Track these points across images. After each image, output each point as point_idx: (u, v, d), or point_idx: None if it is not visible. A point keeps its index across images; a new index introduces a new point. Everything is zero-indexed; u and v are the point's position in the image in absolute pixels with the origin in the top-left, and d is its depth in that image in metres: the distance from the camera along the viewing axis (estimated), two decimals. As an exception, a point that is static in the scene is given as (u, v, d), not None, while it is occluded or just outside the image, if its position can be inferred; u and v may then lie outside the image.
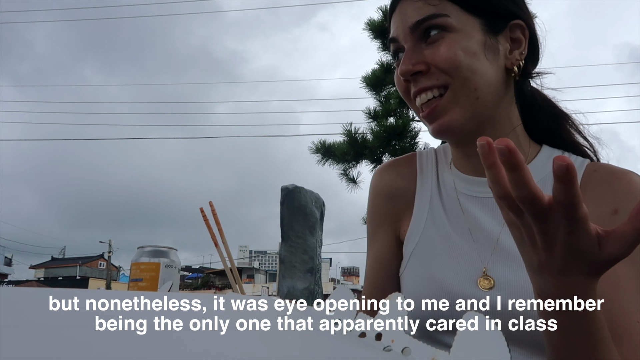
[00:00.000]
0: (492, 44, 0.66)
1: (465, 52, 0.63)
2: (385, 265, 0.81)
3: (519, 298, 0.63)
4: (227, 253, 0.73)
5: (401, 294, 0.31)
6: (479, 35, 0.65)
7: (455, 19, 0.65)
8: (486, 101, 0.65)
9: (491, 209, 0.71)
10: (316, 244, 5.74)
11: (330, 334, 0.30)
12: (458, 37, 0.64)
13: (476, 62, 0.64)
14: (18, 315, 0.25)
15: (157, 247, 0.81)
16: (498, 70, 0.66)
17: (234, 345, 0.24)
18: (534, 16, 0.75)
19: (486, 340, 0.23)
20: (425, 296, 0.69)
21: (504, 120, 0.69)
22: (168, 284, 0.77)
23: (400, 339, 0.28)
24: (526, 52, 0.68)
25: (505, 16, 0.68)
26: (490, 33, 0.66)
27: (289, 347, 0.26)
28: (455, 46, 0.63)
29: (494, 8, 0.67)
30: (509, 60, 0.67)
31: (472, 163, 0.74)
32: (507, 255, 0.67)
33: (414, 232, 0.77)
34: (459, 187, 0.75)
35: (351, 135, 5.51)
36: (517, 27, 0.68)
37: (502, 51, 0.67)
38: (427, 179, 0.80)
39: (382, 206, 0.82)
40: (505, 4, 0.68)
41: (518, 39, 0.68)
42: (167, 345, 0.23)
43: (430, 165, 0.81)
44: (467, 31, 0.65)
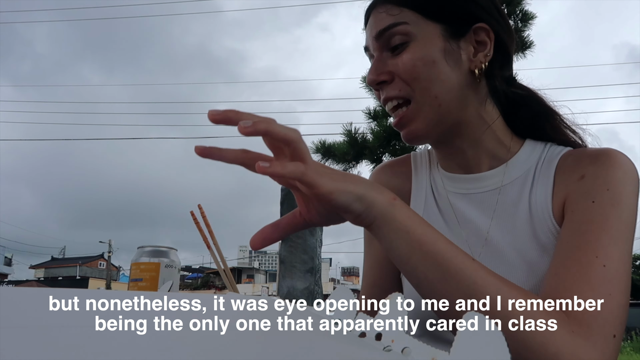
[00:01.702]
0: (453, 49, 0.67)
1: (424, 62, 0.65)
2: (383, 265, 0.82)
3: None
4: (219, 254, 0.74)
5: (401, 294, 0.31)
6: (440, 41, 0.66)
7: (415, 26, 0.66)
8: (449, 107, 0.67)
9: (478, 204, 0.72)
10: (316, 244, 5.73)
11: (330, 334, 0.30)
12: (418, 46, 0.66)
13: (435, 70, 0.65)
14: (18, 315, 0.25)
15: (157, 247, 0.81)
16: (461, 74, 0.67)
17: (234, 345, 0.24)
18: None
19: (486, 340, 0.23)
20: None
21: (476, 119, 0.70)
22: (168, 284, 0.77)
23: (400, 339, 0.28)
24: (492, 53, 0.69)
25: (467, 20, 0.68)
26: (452, 38, 0.67)
27: (289, 347, 0.26)
28: (414, 56, 0.66)
29: (453, 13, 0.68)
30: (473, 63, 0.68)
31: (454, 161, 0.75)
32: (496, 249, 0.69)
33: None
34: (446, 186, 0.77)
35: (351, 135, 5.51)
36: (482, 30, 0.68)
37: (465, 55, 0.68)
38: (421, 178, 0.81)
39: None
40: (466, 8, 0.68)
41: (483, 41, 0.69)
42: (167, 345, 0.23)
43: (425, 165, 0.82)
44: (428, 38, 0.66)
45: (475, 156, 0.73)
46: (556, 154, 0.70)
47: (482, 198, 0.72)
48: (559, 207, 0.65)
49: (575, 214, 0.61)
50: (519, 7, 4.95)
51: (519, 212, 0.69)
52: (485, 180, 0.73)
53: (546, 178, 0.68)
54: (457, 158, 0.74)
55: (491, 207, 0.71)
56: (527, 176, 0.70)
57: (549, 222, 0.65)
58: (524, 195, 0.69)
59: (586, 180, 0.63)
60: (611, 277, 0.53)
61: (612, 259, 0.54)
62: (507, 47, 0.71)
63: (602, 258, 0.54)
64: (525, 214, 0.68)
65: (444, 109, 0.67)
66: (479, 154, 0.72)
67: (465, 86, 0.68)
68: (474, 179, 0.73)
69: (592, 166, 0.63)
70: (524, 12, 4.97)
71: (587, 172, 0.63)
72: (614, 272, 0.54)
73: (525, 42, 4.96)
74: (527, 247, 0.66)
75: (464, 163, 0.74)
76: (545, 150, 0.72)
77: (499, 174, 0.72)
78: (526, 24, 5.01)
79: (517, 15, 4.98)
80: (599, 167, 0.63)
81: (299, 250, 5.48)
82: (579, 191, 0.62)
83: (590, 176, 0.62)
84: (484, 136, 0.71)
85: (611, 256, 0.55)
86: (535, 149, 0.72)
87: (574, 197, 0.63)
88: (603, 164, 0.63)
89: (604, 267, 0.54)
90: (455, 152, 0.74)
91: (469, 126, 0.70)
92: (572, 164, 0.67)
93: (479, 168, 0.73)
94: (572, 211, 0.62)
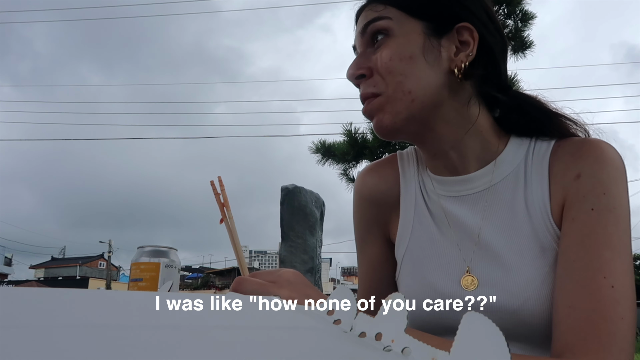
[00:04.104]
0: (434, 46, 0.67)
1: (401, 58, 0.66)
2: (378, 269, 0.82)
3: (502, 294, 0.65)
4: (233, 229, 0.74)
5: (401, 294, 0.31)
6: (420, 38, 0.67)
7: (397, 22, 0.67)
8: (424, 103, 0.66)
9: (470, 206, 0.72)
10: (316, 244, 5.74)
11: (330, 334, 0.30)
12: (397, 42, 0.67)
13: (411, 66, 0.66)
14: (18, 315, 0.25)
15: (157, 247, 0.81)
16: (440, 72, 0.67)
17: (234, 345, 0.24)
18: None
19: (486, 340, 0.23)
20: (420, 299, 0.71)
21: (456, 119, 0.70)
22: (168, 284, 0.77)
23: (400, 339, 0.28)
24: (474, 54, 0.68)
25: (450, 19, 0.68)
26: (432, 36, 0.67)
27: (289, 347, 0.26)
28: (392, 51, 0.66)
29: (436, 11, 0.68)
30: (454, 62, 0.67)
31: (440, 163, 0.74)
32: (488, 250, 0.68)
33: (403, 236, 0.78)
34: (437, 190, 0.76)
35: (351, 135, 5.50)
36: (465, 29, 0.68)
37: (445, 54, 0.67)
38: (410, 181, 0.80)
39: (368, 211, 0.83)
40: (450, 7, 0.68)
41: (466, 41, 0.68)
42: (167, 345, 0.23)
43: (412, 166, 0.81)
44: (408, 35, 0.67)
45: (459, 158, 0.72)
46: (545, 148, 0.70)
47: (473, 199, 0.72)
48: (557, 208, 0.65)
49: (576, 223, 0.61)
50: (519, 7, 4.95)
51: (514, 211, 0.68)
52: (474, 181, 0.72)
53: (540, 175, 0.68)
54: (442, 160, 0.74)
55: (481, 208, 0.71)
56: (518, 173, 0.70)
57: (548, 223, 0.65)
58: (517, 193, 0.68)
59: (582, 181, 0.63)
60: (620, 297, 0.56)
61: (618, 276, 0.57)
62: (492, 48, 0.70)
63: (610, 278, 0.57)
64: (522, 213, 0.67)
65: (416, 105, 0.66)
66: (463, 155, 0.72)
67: (444, 85, 0.67)
68: (462, 181, 0.72)
69: (585, 163, 0.64)
70: (524, 12, 4.97)
71: (583, 171, 0.63)
72: (622, 291, 0.56)
73: (525, 42, 4.97)
74: (525, 247, 0.66)
75: (450, 165, 0.73)
76: (532, 145, 0.71)
77: (488, 173, 0.71)
78: (526, 24, 5.01)
79: (517, 15, 4.98)
80: (593, 164, 0.63)
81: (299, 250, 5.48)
82: (577, 194, 0.63)
83: (586, 176, 0.63)
84: (466, 137, 0.70)
85: (617, 273, 0.57)
86: (522, 145, 0.72)
87: (572, 200, 0.63)
88: (596, 160, 0.63)
89: (612, 288, 0.56)
90: (439, 154, 0.73)
91: (448, 125, 0.69)
92: (565, 159, 0.66)
93: (466, 169, 0.72)
94: (573, 219, 0.62)
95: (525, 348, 0.63)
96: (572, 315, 0.56)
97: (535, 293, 0.62)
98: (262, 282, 0.57)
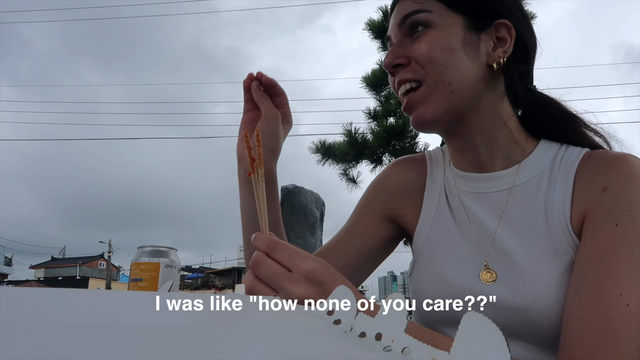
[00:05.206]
0: (473, 40, 0.68)
1: (442, 48, 0.66)
2: (354, 236, 0.84)
3: (519, 289, 0.64)
4: (261, 185, 0.72)
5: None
6: (460, 31, 0.68)
7: (438, 15, 0.68)
8: (463, 94, 0.67)
9: (488, 204, 0.73)
10: (316, 244, 5.73)
11: (330, 334, 0.30)
12: (438, 33, 0.67)
13: (452, 57, 0.66)
14: (18, 315, 0.25)
15: (157, 247, 0.81)
16: (478, 66, 0.68)
17: (235, 345, 0.24)
18: (533, 16, 0.77)
19: (486, 340, 0.23)
20: (433, 292, 0.72)
21: (491, 114, 0.71)
22: (168, 284, 0.77)
23: (400, 339, 0.28)
24: (511, 50, 0.69)
25: (490, 15, 0.69)
26: (472, 30, 0.68)
27: (289, 347, 0.26)
28: (433, 42, 0.67)
29: (477, 7, 0.69)
30: (492, 57, 0.69)
31: (466, 158, 0.75)
32: (503, 250, 0.68)
33: (422, 229, 0.79)
34: (458, 184, 0.77)
35: (351, 135, 5.50)
36: (503, 26, 0.70)
37: (483, 48, 0.69)
38: (437, 177, 0.82)
39: (389, 186, 0.86)
40: (489, 4, 0.70)
41: (503, 37, 0.70)
42: (167, 345, 0.23)
43: (440, 164, 0.83)
44: (449, 27, 0.68)
45: (488, 153, 0.72)
46: (575, 156, 0.69)
47: (493, 198, 0.72)
48: (578, 218, 0.64)
49: (598, 237, 0.60)
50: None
51: (532, 214, 0.68)
52: (497, 180, 0.72)
53: (565, 182, 0.67)
54: (470, 154, 0.74)
55: (501, 207, 0.71)
56: (542, 178, 0.70)
57: (565, 230, 0.64)
58: (538, 197, 0.68)
59: (609, 195, 0.61)
60: (634, 317, 0.54)
61: (635, 295, 0.55)
62: (527, 46, 0.71)
63: (626, 296, 0.55)
64: (540, 216, 0.67)
65: (456, 97, 0.67)
66: (492, 151, 0.72)
67: (482, 79, 0.68)
68: (485, 179, 0.73)
69: (614, 178, 0.62)
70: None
71: (610, 184, 0.62)
72: (638, 312, 0.54)
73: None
74: (539, 250, 0.65)
75: (476, 160, 0.74)
76: (562, 152, 0.71)
77: (511, 174, 0.71)
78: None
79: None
80: (621, 179, 0.61)
81: (299, 250, 5.47)
82: (602, 208, 0.61)
83: (613, 190, 0.61)
84: (498, 133, 0.71)
85: (634, 292, 0.55)
86: (550, 150, 0.72)
87: (596, 213, 0.61)
88: (625, 176, 0.62)
89: (627, 306, 0.54)
90: (469, 147, 0.73)
91: (482, 120, 0.70)
92: (593, 171, 0.65)
93: (492, 167, 0.73)
94: (595, 231, 0.60)
95: (531, 349, 0.63)
96: (583, 328, 0.55)
97: (545, 294, 0.62)
98: (279, 272, 0.52)
